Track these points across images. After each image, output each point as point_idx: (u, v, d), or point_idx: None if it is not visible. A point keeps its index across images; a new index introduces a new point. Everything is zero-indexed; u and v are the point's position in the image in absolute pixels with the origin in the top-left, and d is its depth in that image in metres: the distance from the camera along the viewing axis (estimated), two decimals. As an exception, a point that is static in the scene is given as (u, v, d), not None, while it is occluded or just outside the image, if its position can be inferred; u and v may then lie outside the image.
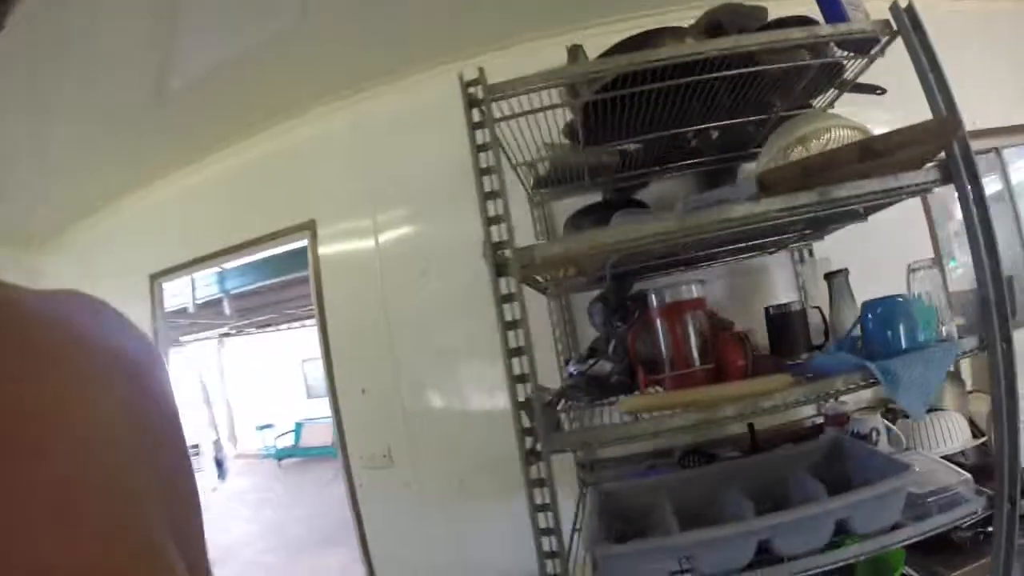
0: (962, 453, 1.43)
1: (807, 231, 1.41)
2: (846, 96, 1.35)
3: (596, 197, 1.64)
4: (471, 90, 1.01)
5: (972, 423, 1.48)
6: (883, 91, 1.35)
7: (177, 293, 3.10)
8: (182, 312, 3.42)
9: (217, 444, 5.88)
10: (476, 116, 1.01)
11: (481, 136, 1.01)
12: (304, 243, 1.91)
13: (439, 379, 1.82)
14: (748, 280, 1.66)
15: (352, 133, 1.88)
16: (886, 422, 1.30)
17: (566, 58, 1.23)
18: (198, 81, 1.65)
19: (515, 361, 0.98)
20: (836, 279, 1.33)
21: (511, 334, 0.98)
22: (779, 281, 1.64)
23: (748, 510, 1.03)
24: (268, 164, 1.96)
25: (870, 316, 1.02)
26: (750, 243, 1.42)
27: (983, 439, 1.41)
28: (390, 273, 1.86)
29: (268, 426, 7.73)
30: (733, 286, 1.66)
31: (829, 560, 0.95)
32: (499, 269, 0.97)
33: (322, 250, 1.91)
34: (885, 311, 1.01)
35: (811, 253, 1.59)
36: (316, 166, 1.93)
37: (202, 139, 1.91)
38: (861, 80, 1.26)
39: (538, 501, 0.95)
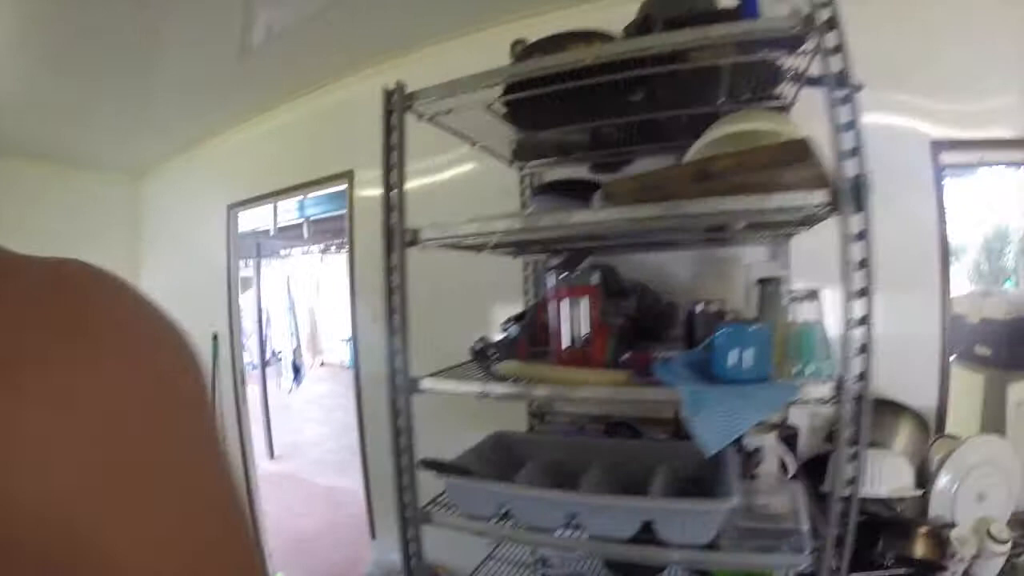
0: (900, 500, 1.38)
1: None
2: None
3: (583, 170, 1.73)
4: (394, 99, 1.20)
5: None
6: (858, 87, 1.25)
7: (262, 218, 3.76)
8: (264, 234, 4.12)
9: (296, 352, 6.66)
10: (394, 121, 1.22)
11: (395, 138, 1.21)
12: (344, 188, 2.26)
13: (433, 312, 2.11)
14: (718, 268, 1.64)
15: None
16: (782, 446, 1.30)
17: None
18: (267, 47, 2.02)
19: (395, 318, 1.22)
20: (767, 287, 1.31)
21: (393, 297, 1.21)
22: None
23: (587, 484, 1.17)
24: (319, 120, 2.32)
25: (719, 337, 1.04)
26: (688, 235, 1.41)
27: (921, 491, 1.34)
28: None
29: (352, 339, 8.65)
30: (704, 272, 1.66)
31: (630, 552, 1.04)
32: (388, 246, 1.19)
33: (358, 194, 2.25)
34: (733, 335, 1.02)
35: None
36: (356, 123, 2.22)
37: (271, 95, 2.33)
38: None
39: (400, 425, 1.22)
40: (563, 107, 1.28)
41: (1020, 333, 1.70)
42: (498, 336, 1.48)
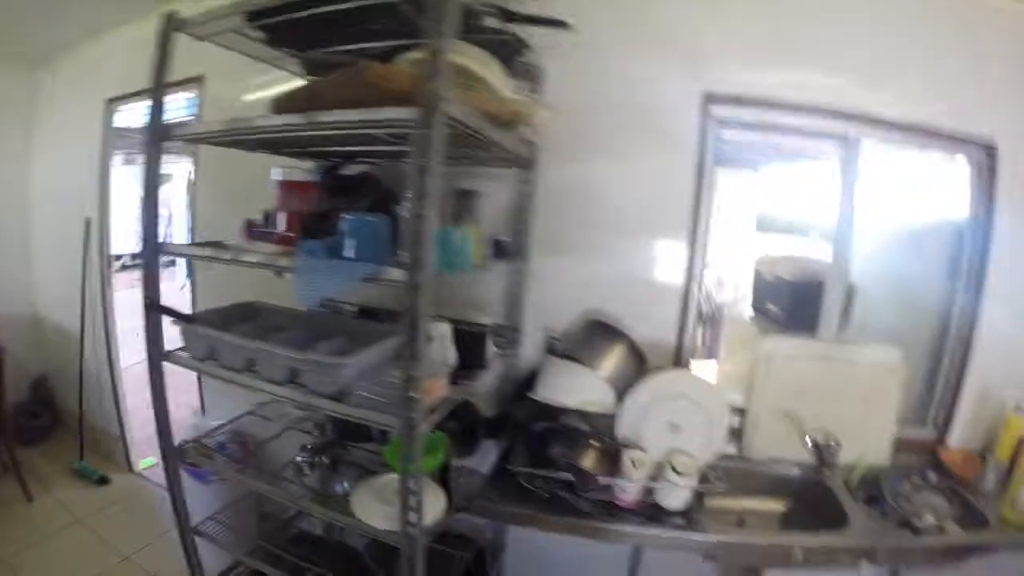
0: (601, 416, 1.68)
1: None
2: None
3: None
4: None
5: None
6: (566, 25, 1.57)
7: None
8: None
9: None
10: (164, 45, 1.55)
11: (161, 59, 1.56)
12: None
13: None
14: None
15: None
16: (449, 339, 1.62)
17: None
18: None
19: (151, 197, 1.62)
20: (462, 197, 1.71)
21: (150, 180, 1.61)
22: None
23: (273, 340, 1.55)
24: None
25: (342, 223, 1.31)
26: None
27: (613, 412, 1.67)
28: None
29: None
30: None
31: (283, 392, 1.41)
32: (149, 138, 1.57)
33: (208, 102, 2.59)
34: (353, 223, 1.31)
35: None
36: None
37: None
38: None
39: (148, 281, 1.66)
40: (305, 34, 1.61)
41: (799, 294, 1.99)
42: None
